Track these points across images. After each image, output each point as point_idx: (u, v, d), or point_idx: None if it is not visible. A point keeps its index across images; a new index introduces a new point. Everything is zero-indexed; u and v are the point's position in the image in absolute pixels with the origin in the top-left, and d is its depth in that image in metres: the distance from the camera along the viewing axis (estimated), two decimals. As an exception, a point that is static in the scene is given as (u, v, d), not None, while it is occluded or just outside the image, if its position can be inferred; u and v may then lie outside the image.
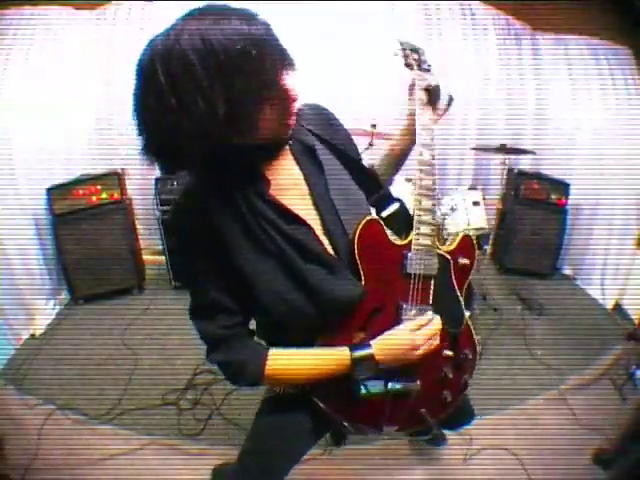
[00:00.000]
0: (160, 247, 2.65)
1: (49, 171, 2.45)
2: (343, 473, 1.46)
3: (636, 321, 2.29)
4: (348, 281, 0.78)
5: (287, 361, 0.79)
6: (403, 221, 0.86)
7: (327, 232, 0.80)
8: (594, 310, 2.59)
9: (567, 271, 3.04)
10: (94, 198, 2.47)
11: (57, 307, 2.50)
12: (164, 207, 2.50)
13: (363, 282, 0.79)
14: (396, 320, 0.81)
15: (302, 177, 0.81)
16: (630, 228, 2.57)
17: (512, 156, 2.60)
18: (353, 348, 0.76)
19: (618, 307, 2.56)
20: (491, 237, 2.33)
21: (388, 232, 0.82)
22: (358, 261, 0.78)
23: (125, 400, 1.77)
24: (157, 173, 2.59)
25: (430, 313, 0.82)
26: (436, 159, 0.83)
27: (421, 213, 0.81)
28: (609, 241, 2.71)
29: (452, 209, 2.31)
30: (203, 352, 0.80)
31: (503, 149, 2.34)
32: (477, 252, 0.92)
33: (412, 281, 0.81)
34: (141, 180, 2.87)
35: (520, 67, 2.97)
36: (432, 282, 0.83)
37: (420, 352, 0.79)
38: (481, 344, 2.06)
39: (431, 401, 0.88)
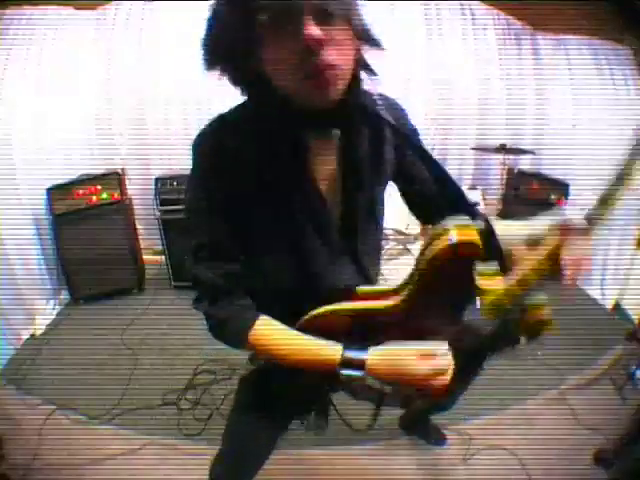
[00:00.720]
0: (160, 247, 2.65)
1: (49, 171, 2.45)
2: (343, 472, 1.45)
3: (636, 321, 2.29)
4: (345, 271, 0.76)
5: (275, 331, 0.74)
6: (485, 247, 0.65)
7: (343, 223, 0.78)
8: (594, 310, 2.59)
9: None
10: (94, 198, 2.48)
11: (57, 307, 2.50)
12: (164, 207, 2.49)
13: (405, 295, 0.69)
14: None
15: (340, 177, 0.76)
16: (630, 228, 2.57)
17: (512, 156, 2.60)
18: (347, 347, 0.70)
19: (618, 307, 2.56)
20: (491, 237, 2.34)
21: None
22: (423, 268, 0.65)
23: (125, 400, 1.77)
24: (157, 173, 2.60)
25: (447, 349, 0.69)
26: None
27: None
28: (609, 241, 2.71)
29: (452, 209, 2.31)
30: (203, 352, 0.77)
31: (503, 149, 2.34)
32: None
33: (457, 328, 0.71)
34: (141, 180, 2.88)
35: (520, 67, 2.97)
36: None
37: (418, 376, 0.68)
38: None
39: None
